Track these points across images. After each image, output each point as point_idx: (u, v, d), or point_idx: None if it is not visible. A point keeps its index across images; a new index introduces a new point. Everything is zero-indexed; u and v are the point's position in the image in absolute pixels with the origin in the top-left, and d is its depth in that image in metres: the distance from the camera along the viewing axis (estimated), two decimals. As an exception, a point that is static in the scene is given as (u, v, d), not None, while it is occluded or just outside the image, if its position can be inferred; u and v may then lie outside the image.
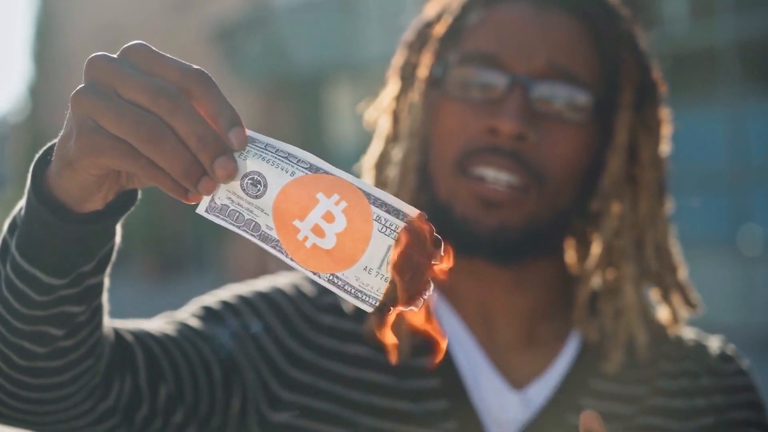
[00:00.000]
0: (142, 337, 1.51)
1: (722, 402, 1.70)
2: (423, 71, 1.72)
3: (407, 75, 1.75)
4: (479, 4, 1.70)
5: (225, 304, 1.67)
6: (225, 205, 1.09)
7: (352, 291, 1.08)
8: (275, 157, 1.08)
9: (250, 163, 1.08)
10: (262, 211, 1.08)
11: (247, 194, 1.08)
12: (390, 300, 1.07)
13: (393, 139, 1.76)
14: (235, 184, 1.08)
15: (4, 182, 36.88)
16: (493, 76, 1.65)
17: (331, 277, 1.08)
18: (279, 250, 1.08)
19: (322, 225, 1.07)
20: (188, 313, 1.64)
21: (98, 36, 27.53)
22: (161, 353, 1.52)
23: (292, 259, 1.08)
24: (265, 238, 1.08)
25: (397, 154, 1.74)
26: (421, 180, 1.70)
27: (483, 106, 1.64)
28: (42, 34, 31.63)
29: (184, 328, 1.59)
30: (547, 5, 1.68)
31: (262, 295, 1.70)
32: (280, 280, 1.74)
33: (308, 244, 1.07)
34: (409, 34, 1.78)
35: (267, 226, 1.08)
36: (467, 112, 1.65)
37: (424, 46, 1.74)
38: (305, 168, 1.08)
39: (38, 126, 29.42)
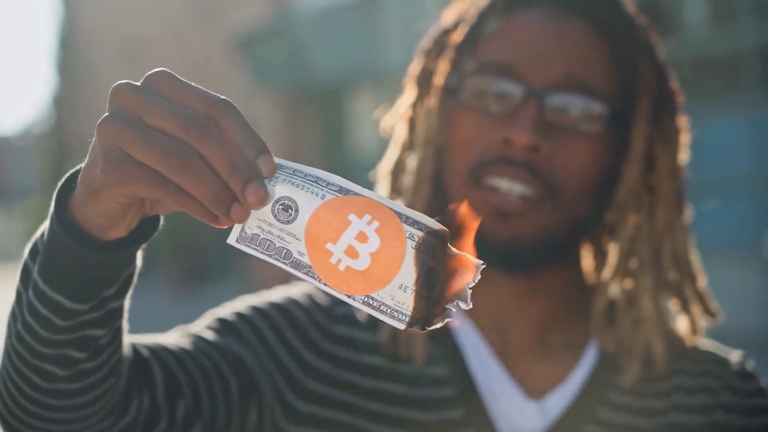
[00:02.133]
0: (158, 352, 1.50)
1: (739, 423, 1.70)
2: (439, 79, 1.72)
3: (423, 83, 1.75)
4: (496, 12, 1.70)
5: (239, 315, 1.66)
6: (255, 234, 1.09)
7: (388, 311, 1.08)
8: (304, 182, 1.08)
9: (280, 189, 1.08)
10: (294, 236, 1.08)
11: (278, 220, 1.08)
12: (423, 315, 1.07)
13: (408, 146, 1.76)
14: (266, 211, 1.08)
15: (30, 193, 37.02)
16: (508, 87, 1.64)
17: (366, 299, 1.07)
18: (312, 276, 1.08)
19: (356, 246, 1.06)
20: (203, 326, 1.64)
21: (121, 46, 27.61)
22: (178, 368, 1.51)
23: (325, 284, 1.08)
24: (297, 264, 1.08)
25: (412, 162, 1.73)
26: (435, 189, 1.70)
27: (498, 116, 1.64)
28: (66, 44, 31.74)
29: (200, 341, 1.59)
30: (563, 15, 1.67)
31: (276, 306, 1.69)
32: (294, 291, 1.73)
33: (341, 267, 1.07)
34: (426, 42, 1.78)
35: (299, 252, 1.08)
36: (482, 122, 1.65)
37: (441, 53, 1.74)
38: (335, 190, 1.08)
39: (63, 136, 29.52)
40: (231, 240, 1.10)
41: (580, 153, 1.64)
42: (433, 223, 1.07)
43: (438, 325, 1.08)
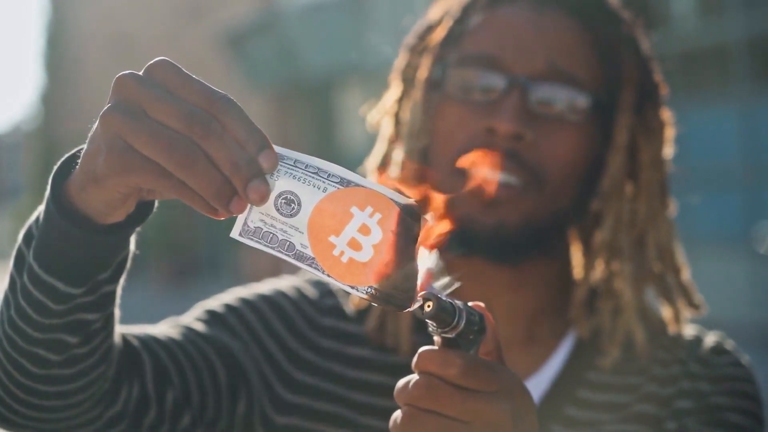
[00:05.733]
0: (148, 342, 1.52)
1: (707, 389, 1.68)
2: (423, 73, 1.74)
3: (408, 78, 1.77)
4: (479, 7, 1.71)
5: (229, 307, 1.68)
6: (258, 227, 1.10)
7: (392, 300, 1.09)
8: (305, 174, 1.09)
9: (282, 183, 1.09)
10: (297, 229, 1.09)
11: (281, 214, 1.09)
12: (412, 296, 1.10)
13: (395, 140, 1.78)
14: (269, 205, 1.09)
15: (18, 191, 36.96)
16: (491, 78, 1.66)
17: (369, 290, 1.09)
18: (315, 268, 1.09)
19: (359, 238, 1.08)
20: (193, 318, 1.66)
21: (110, 43, 27.58)
22: (167, 358, 1.53)
23: (329, 276, 1.09)
24: (300, 257, 1.09)
25: (397, 155, 1.75)
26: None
27: (482, 107, 1.66)
28: (54, 42, 31.70)
29: (189, 332, 1.61)
30: (546, 8, 1.69)
31: (264, 298, 1.71)
32: (283, 283, 1.75)
33: (344, 259, 1.09)
34: (410, 38, 1.79)
35: (302, 244, 1.09)
36: (466, 113, 1.66)
37: (426, 49, 1.75)
38: (336, 182, 1.09)
39: (51, 134, 29.49)
40: (234, 234, 1.11)
41: (564, 142, 1.65)
42: (417, 207, 1.10)
43: (418, 304, 1.10)
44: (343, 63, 18.91)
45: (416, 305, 1.10)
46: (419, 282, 1.10)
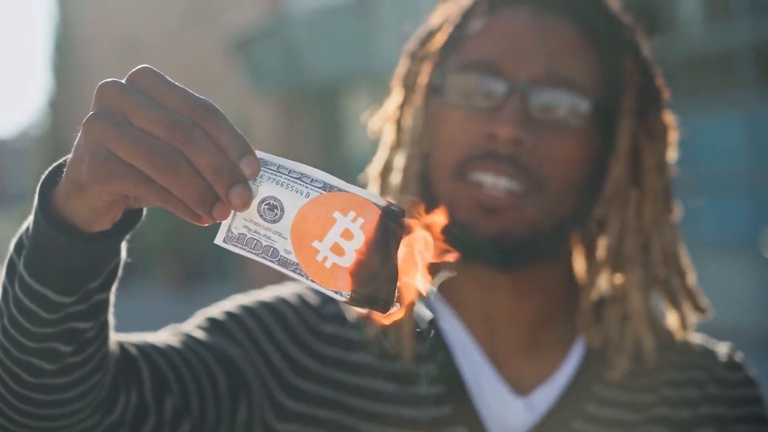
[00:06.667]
0: (146, 350, 1.51)
1: (727, 413, 1.70)
2: (423, 79, 1.74)
3: (410, 84, 1.77)
4: (479, 12, 1.71)
5: (229, 314, 1.68)
6: (242, 234, 1.10)
7: (374, 304, 1.09)
8: (289, 179, 1.09)
9: (265, 188, 1.09)
10: (280, 235, 1.09)
11: (264, 219, 1.09)
12: (392, 299, 1.10)
13: (396, 147, 1.78)
14: (252, 211, 1.09)
15: (25, 195, 36.97)
16: (492, 83, 1.66)
17: (352, 294, 1.09)
18: (299, 273, 1.09)
19: (341, 243, 1.08)
20: (193, 325, 1.66)
21: (117, 48, 27.59)
22: (166, 366, 1.52)
23: (312, 281, 1.09)
24: (284, 262, 1.10)
25: (399, 161, 1.75)
26: (423, 187, 1.71)
27: (482, 112, 1.66)
28: (61, 46, 31.72)
29: (189, 339, 1.60)
30: (547, 13, 1.68)
31: (266, 305, 1.71)
32: (284, 290, 1.75)
33: (328, 264, 1.09)
34: (411, 44, 1.79)
35: (285, 250, 1.09)
36: (466, 119, 1.66)
37: (426, 55, 1.75)
38: (319, 188, 1.09)
39: (59, 139, 29.47)
40: (218, 240, 1.11)
41: (564, 147, 1.65)
42: (398, 208, 1.09)
43: (397, 306, 1.10)
44: (350, 68, 18.91)
45: (394, 309, 1.10)
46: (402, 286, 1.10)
